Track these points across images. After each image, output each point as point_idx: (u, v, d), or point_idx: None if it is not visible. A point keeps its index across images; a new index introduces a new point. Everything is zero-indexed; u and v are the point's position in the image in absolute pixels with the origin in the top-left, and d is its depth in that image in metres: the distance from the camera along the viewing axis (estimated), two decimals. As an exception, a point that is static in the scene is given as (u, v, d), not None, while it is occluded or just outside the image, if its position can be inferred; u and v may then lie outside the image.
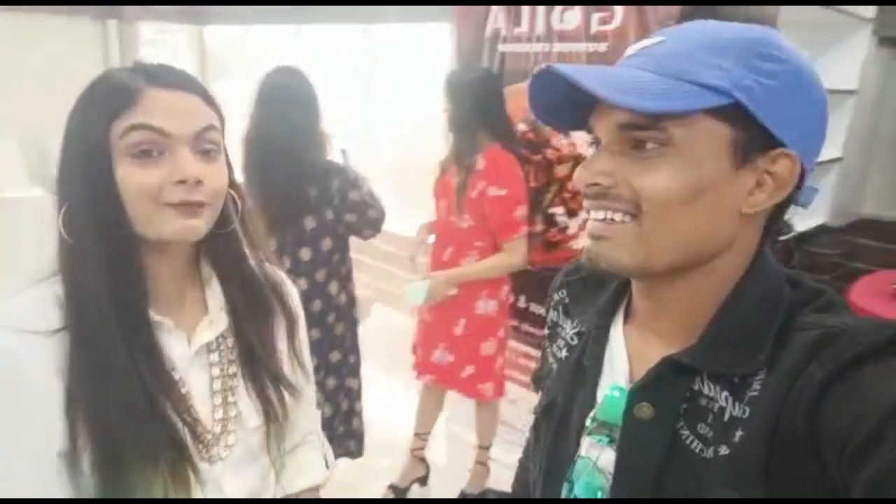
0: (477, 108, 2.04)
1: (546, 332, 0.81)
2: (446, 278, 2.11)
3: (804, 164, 0.57)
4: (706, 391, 0.58)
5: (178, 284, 0.83)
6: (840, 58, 2.68)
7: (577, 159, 2.14)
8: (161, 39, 6.06)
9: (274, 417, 0.87)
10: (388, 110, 4.16)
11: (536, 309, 2.40)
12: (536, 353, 2.45)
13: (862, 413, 0.47)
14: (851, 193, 3.13)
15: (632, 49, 0.61)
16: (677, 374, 0.59)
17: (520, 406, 2.57)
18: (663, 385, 0.60)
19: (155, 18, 5.72)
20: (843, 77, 2.62)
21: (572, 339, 0.74)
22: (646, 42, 0.59)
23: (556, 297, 0.79)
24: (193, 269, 0.86)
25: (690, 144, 0.55)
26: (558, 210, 2.24)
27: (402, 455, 2.49)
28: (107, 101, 0.73)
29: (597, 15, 1.93)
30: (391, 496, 2.39)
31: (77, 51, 5.62)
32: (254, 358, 0.87)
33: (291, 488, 0.99)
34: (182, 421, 0.78)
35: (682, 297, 0.61)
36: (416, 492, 2.48)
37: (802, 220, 2.79)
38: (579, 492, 0.66)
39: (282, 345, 0.93)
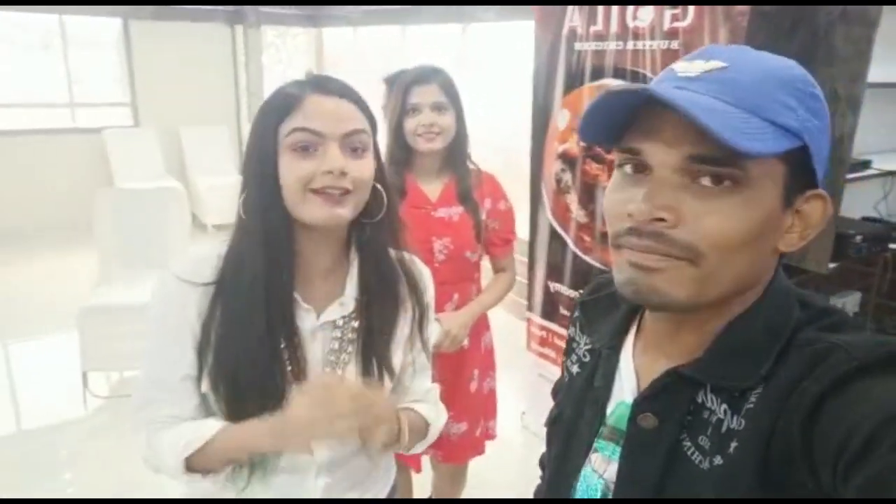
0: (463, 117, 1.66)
1: (565, 347, 0.83)
2: (469, 319, 1.67)
3: None
4: (708, 404, 0.58)
5: (326, 264, 0.97)
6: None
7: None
8: (281, 42, 6.51)
9: None
10: (484, 108, 4.23)
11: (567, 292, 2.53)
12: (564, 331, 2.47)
13: (856, 425, 0.46)
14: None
15: (686, 69, 0.56)
16: (681, 386, 0.60)
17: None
18: (667, 396, 0.60)
19: (276, 23, 6.15)
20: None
21: (585, 355, 0.75)
22: (703, 64, 0.56)
23: (574, 314, 0.81)
24: (344, 252, 0.99)
25: (761, 185, 0.54)
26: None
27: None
28: (277, 107, 0.89)
29: (669, 12, 1.89)
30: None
31: (208, 52, 6.20)
32: (370, 341, 0.97)
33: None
34: (295, 378, 0.92)
35: (700, 321, 0.61)
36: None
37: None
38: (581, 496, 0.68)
39: (405, 331, 1.02)
